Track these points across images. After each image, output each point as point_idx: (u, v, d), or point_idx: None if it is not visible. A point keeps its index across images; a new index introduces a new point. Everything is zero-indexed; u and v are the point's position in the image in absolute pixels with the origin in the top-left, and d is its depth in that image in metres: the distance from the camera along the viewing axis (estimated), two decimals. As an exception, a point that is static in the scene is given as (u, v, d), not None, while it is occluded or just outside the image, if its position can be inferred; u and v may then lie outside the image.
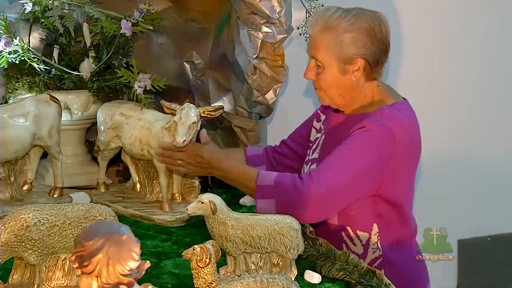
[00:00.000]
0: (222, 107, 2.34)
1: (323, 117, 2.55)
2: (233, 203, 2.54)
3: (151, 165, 2.51)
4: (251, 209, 2.48)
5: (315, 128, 2.57)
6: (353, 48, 2.33)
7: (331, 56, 2.34)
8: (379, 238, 2.35)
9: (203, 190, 2.60)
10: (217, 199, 2.03)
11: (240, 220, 2.02)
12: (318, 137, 2.52)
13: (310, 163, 2.49)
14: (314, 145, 2.51)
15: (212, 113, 2.33)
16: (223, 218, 2.01)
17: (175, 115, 2.32)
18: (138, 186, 2.58)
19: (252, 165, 2.57)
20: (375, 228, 2.35)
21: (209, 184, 2.73)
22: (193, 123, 2.27)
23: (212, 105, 2.39)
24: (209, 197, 2.02)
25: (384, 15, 2.37)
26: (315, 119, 2.59)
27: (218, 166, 2.35)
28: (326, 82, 2.37)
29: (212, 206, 2.00)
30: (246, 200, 2.56)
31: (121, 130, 2.47)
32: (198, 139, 2.43)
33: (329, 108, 2.52)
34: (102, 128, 2.53)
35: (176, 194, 2.49)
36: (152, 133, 2.40)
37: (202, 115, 2.31)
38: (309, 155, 2.52)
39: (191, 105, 2.31)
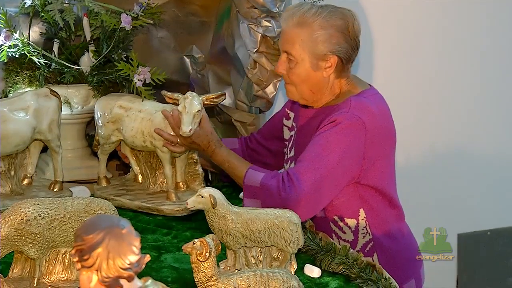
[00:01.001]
0: (224, 94, 2.37)
1: (292, 114, 2.58)
2: (233, 197, 2.54)
3: (152, 156, 2.51)
4: (251, 203, 2.49)
5: (286, 126, 2.60)
6: (327, 45, 2.36)
7: (305, 51, 2.37)
8: (367, 223, 2.39)
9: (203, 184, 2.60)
10: (217, 193, 2.03)
11: (240, 214, 2.02)
12: (292, 135, 2.54)
13: (289, 161, 2.52)
14: (290, 143, 2.54)
15: (215, 99, 2.34)
16: (223, 212, 2.01)
17: (178, 104, 2.33)
18: (140, 177, 2.57)
19: None
20: (362, 213, 2.39)
21: (209, 178, 2.73)
22: (198, 111, 2.29)
23: (216, 93, 2.38)
24: (209, 191, 2.02)
25: (356, 13, 2.40)
26: (284, 118, 2.61)
27: (212, 156, 2.41)
28: (298, 77, 2.39)
29: (212, 200, 2.00)
30: (246, 194, 2.55)
31: (122, 123, 2.46)
32: None
33: (296, 104, 2.55)
34: (101, 122, 2.52)
35: (181, 183, 2.49)
36: (154, 123, 2.41)
37: (205, 102, 2.33)
38: (286, 153, 2.56)
39: (194, 93, 2.32)
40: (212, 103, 2.34)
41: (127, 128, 2.45)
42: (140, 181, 2.57)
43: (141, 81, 2.56)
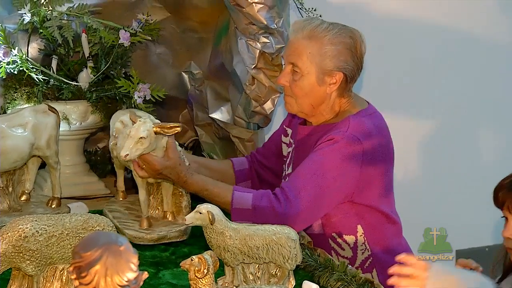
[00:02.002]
0: (179, 126, 2.25)
1: (289, 131, 2.59)
2: (231, 213, 2.54)
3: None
4: (249, 219, 2.48)
5: (284, 143, 2.60)
6: (335, 61, 2.37)
7: (312, 64, 2.37)
8: (365, 239, 2.39)
9: (201, 200, 2.59)
10: (215, 209, 2.03)
11: (238, 230, 2.02)
12: (290, 151, 2.55)
13: (287, 177, 2.51)
14: (288, 160, 2.54)
15: (167, 130, 2.23)
16: (221, 228, 2.01)
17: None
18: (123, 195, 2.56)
19: (240, 180, 2.61)
20: (360, 229, 2.39)
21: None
22: (141, 138, 2.20)
23: (170, 123, 2.27)
24: (207, 207, 2.03)
25: (363, 35, 2.42)
26: (282, 135, 2.61)
27: (185, 187, 2.36)
28: (301, 90, 2.40)
29: (210, 216, 2.00)
30: (244, 210, 2.55)
31: (118, 138, 2.45)
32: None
33: (294, 121, 2.56)
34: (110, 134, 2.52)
35: (168, 212, 2.41)
36: None
37: (156, 130, 2.22)
38: (284, 170, 2.56)
39: (147, 119, 2.23)
40: (163, 132, 2.23)
41: (119, 144, 2.41)
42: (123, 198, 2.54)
43: (141, 98, 2.56)
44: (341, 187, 2.32)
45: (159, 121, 2.30)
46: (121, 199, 2.56)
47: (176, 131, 2.25)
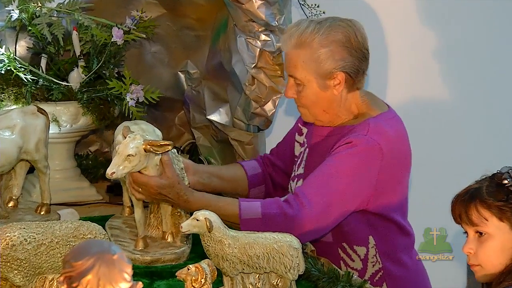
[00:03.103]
0: (171, 144, 2.21)
1: (305, 130, 2.58)
2: (230, 220, 2.54)
3: None
4: (249, 227, 2.48)
5: (298, 142, 2.60)
6: (331, 62, 2.35)
7: (309, 73, 2.36)
8: (377, 251, 2.38)
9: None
10: (213, 216, 2.03)
11: (237, 239, 2.02)
12: (302, 151, 2.54)
13: (296, 179, 2.51)
14: (299, 160, 2.54)
15: (156, 148, 2.18)
16: (219, 236, 2.01)
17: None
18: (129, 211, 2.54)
19: (254, 186, 2.60)
20: (372, 240, 2.38)
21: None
22: (129, 155, 2.17)
23: (162, 141, 2.23)
24: (204, 214, 2.03)
25: (359, 21, 2.40)
26: (297, 133, 2.61)
27: (186, 207, 2.31)
28: (308, 99, 2.39)
29: (207, 224, 2.01)
30: (243, 217, 2.56)
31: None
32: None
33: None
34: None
35: (166, 233, 2.38)
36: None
37: (145, 148, 2.18)
38: (294, 170, 2.55)
39: (137, 136, 2.19)
40: (153, 150, 2.19)
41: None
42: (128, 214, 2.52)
43: (134, 100, 2.57)
44: (357, 193, 2.31)
45: (150, 138, 2.24)
46: (126, 215, 2.55)
47: (167, 150, 2.21)
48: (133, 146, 2.18)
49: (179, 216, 2.39)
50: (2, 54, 2.60)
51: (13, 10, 2.62)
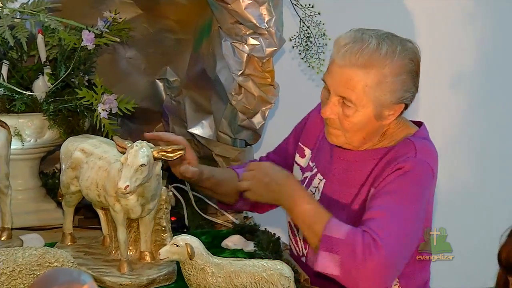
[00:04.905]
0: (182, 149, 2.25)
1: (308, 151, 2.57)
2: (214, 245, 2.55)
3: None
4: (235, 253, 2.50)
5: (299, 165, 2.59)
6: (397, 93, 2.30)
7: (370, 99, 2.29)
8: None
9: (179, 231, 2.60)
10: (194, 242, 2.04)
11: (222, 266, 2.03)
12: (308, 177, 2.53)
13: None
14: (304, 186, 2.51)
15: (169, 154, 2.23)
16: (201, 263, 2.02)
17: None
18: (107, 240, 2.54)
19: (243, 197, 2.61)
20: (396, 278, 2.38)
21: (186, 223, 2.74)
22: (141, 165, 2.19)
23: (171, 146, 2.27)
24: (185, 239, 2.03)
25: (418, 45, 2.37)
26: (297, 154, 2.60)
27: (290, 194, 2.32)
28: (354, 125, 2.34)
29: (189, 250, 2.01)
30: (229, 243, 2.57)
31: (80, 170, 2.43)
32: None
33: (319, 140, 2.53)
34: (63, 167, 2.50)
35: (146, 253, 2.39)
36: (109, 175, 2.31)
37: (156, 156, 2.23)
38: None
39: (143, 143, 2.24)
40: (164, 157, 2.24)
41: (84, 177, 2.38)
42: (108, 244, 2.53)
43: (106, 111, 2.57)
44: (421, 222, 2.30)
45: (152, 145, 2.28)
46: (69, 243, 2.54)
47: (180, 155, 2.25)
48: (144, 155, 2.20)
49: (163, 232, 2.41)
50: (-42, 60, 2.61)
51: (-30, 11, 2.63)
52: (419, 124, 2.47)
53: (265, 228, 2.64)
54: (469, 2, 3.52)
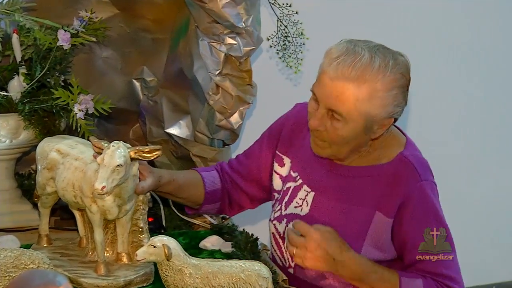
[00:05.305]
0: (159, 149, 2.28)
1: (287, 161, 2.55)
2: (192, 246, 2.56)
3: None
4: (213, 254, 2.51)
5: (278, 174, 2.58)
6: (388, 108, 2.29)
7: (360, 113, 2.27)
8: None
9: (156, 231, 2.61)
10: (172, 243, 2.04)
11: (199, 267, 2.03)
12: (291, 187, 2.52)
13: (285, 219, 2.50)
14: (287, 197, 2.52)
15: (146, 155, 2.25)
16: (179, 264, 2.02)
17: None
18: (84, 241, 2.54)
19: (209, 202, 2.62)
20: None
21: (163, 224, 2.74)
22: (118, 166, 2.20)
23: (148, 146, 2.29)
24: (162, 240, 2.04)
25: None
26: (276, 163, 2.58)
27: (352, 269, 2.31)
28: (343, 138, 2.32)
29: (166, 251, 2.01)
30: (207, 244, 2.58)
31: (56, 171, 2.43)
32: None
33: (300, 149, 2.51)
34: (38, 168, 2.50)
35: (123, 254, 2.39)
36: (86, 176, 2.31)
37: (133, 156, 2.24)
38: (280, 210, 2.52)
39: (120, 143, 2.24)
40: (141, 158, 2.25)
41: (60, 177, 2.38)
42: (84, 246, 2.53)
43: (83, 111, 2.57)
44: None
45: (129, 145, 2.28)
46: (45, 245, 2.53)
47: (157, 156, 2.26)
48: (121, 155, 2.20)
49: (140, 232, 2.41)
50: None
51: None
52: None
53: (243, 229, 2.64)
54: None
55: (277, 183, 2.58)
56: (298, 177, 2.51)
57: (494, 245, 3.79)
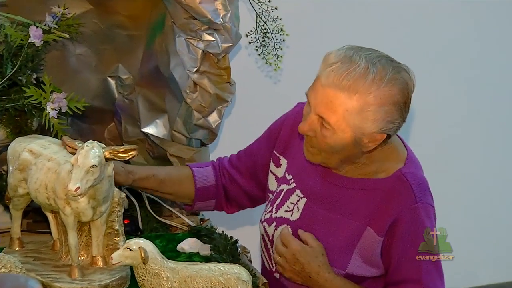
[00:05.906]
0: (135, 149, 2.27)
1: (284, 161, 2.55)
2: (169, 249, 2.55)
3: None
4: (190, 257, 2.50)
5: (274, 174, 2.57)
6: (379, 123, 2.25)
7: (349, 124, 2.24)
8: None
9: (132, 234, 2.60)
10: (148, 246, 2.03)
11: (177, 271, 2.03)
12: (284, 190, 2.51)
13: (275, 222, 2.49)
14: (279, 200, 2.52)
15: (121, 155, 2.24)
16: (156, 268, 2.01)
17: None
18: (58, 244, 2.53)
19: (201, 199, 2.62)
20: None
21: (140, 226, 2.73)
22: (92, 166, 2.19)
23: (124, 146, 2.28)
24: (139, 243, 2.03)
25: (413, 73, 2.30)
26: (272, 163, 2.58)
27: (317, 279, 2.34)
28: (330, 147, 2.30)
29: (142, 254, 2.01)
30: (185, 246, 2.57)
31: (28, 172, 2.42)
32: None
33: (296, 150, 2.50)
34: (10, 169, 2.48)
35: (98, 257, 2.38)
36: (59, 177, 2.29)
37: (108, 156, 2.23)
38: (271, 212, 2.52)
39: (94, 143, 2.23)
40: (116, 158, 2.24)
41: (32, 179, 2.36)
42: (58, 249, 2.51)
43: (56, 110, 2.55)
44: None
45: (104, 145, 2.27)
46: (17, 248, 2.51)
47: (132, 156, 2.25)
48: (95, 156, 2.19)
49: (115, 235, 2.40)
50: None
51: None
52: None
53: (222, 231, 2.64)
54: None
55: (272, 184, 2.58)
56: (292, 180, 2.51)
57: (494, 246, 3.81)
